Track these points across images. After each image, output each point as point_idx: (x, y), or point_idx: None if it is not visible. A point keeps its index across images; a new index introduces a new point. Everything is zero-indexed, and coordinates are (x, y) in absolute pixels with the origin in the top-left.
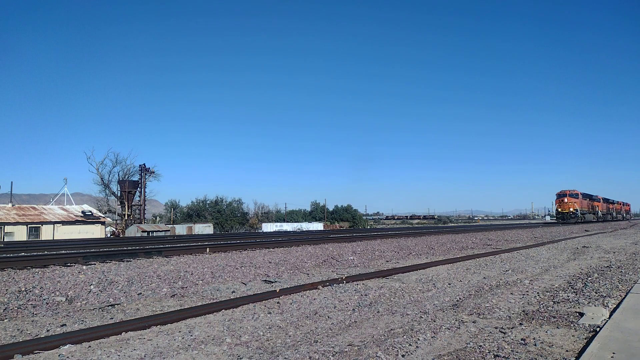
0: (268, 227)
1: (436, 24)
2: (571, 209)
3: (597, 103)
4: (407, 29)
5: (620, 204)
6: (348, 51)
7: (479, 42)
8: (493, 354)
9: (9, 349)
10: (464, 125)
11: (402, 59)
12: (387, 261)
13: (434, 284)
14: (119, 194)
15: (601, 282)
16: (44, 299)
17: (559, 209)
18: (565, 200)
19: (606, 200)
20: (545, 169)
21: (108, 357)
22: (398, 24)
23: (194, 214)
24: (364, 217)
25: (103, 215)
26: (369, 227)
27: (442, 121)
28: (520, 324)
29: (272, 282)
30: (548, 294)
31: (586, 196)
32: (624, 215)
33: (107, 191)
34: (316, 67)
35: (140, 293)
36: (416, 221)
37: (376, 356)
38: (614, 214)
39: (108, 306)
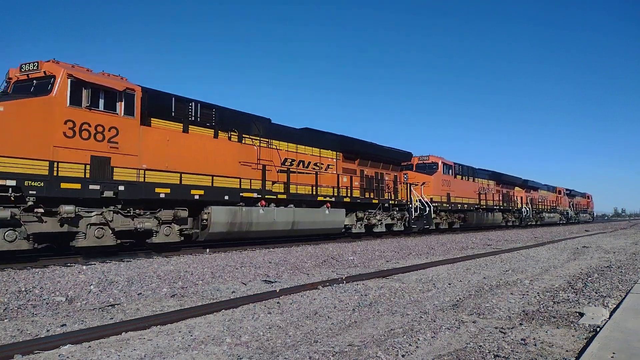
0: None
1: (437, 25)
2: None
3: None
4: (406, 30)
5: (557, 194)
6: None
7: (478, 43)
8: (493, 354)
9: (9, 349)
10: (463, 122)
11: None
12: (387, 261)
13: (434, 284)
14: None
15: (601, 282)
16: (44, 299)
17: None
18: None
19: (500, 181)
20: (546, 168)
21: (108, 357)
22: (396, 26)
23: None
24: None
25: None
26: None
27: (442, 120)
28: (520, 324)
29: (272, 282)
30: (548, 294)
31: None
32: (572, 214)
33: None
34: (317, 67)
35: (140, 293)
36: None
37: (376, 356)
38: (533, 212)
39: (108, 306)
